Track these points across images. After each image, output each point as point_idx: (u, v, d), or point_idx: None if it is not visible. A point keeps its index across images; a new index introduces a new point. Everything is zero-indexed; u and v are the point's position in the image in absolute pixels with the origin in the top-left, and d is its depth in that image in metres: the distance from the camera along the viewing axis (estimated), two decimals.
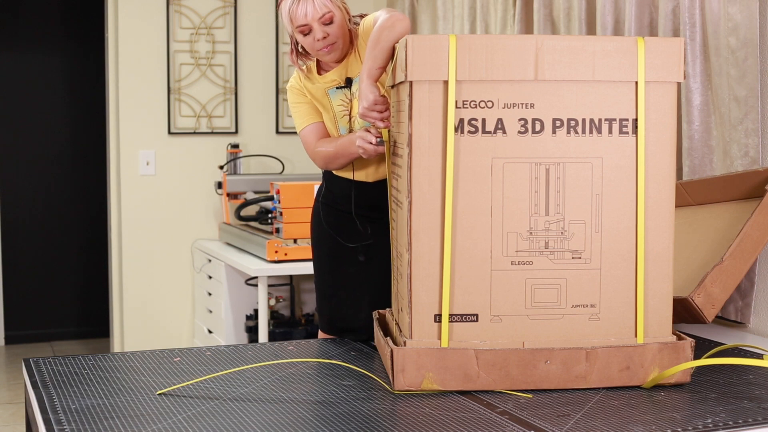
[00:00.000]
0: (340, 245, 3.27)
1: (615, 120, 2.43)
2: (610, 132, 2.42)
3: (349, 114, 3.15)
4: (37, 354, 6.95)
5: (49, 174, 7.42)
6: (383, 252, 3.12)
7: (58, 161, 7.43)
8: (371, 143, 2.91)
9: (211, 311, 5.57)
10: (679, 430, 2.11)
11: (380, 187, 3.16)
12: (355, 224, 3.24)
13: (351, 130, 3.14)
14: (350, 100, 3.15)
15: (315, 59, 3.22)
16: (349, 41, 3.14)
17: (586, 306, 2.44)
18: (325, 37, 3.05)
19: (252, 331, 5.26)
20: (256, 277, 4.97)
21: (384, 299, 3.03)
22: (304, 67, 3.23)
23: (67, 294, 7.52)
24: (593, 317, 2.44)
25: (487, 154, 2.40)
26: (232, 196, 5.67)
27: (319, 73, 3.21)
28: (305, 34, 3.06)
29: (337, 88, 3.16)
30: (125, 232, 5.82)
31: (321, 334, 3.49)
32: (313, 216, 3.41)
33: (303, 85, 3.22)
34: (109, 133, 5.90)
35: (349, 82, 3.14)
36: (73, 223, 7.50)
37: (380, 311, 2.90)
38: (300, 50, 3.19)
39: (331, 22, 3.04)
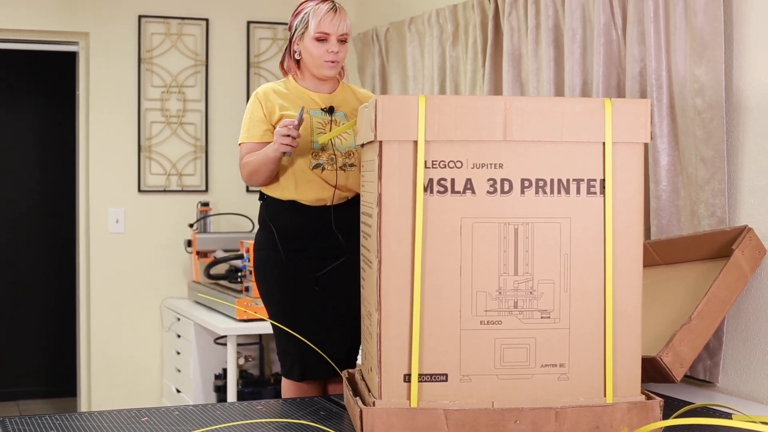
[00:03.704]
0: (303, 282, 3.39)
1: (583, 180, 2.44)
2: (578, 192, 2.44)
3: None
4: (3, 413, 6.86)
5: (18, 230, 7.38)
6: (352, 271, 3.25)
7: (28, 217, 7.39)
8: (289, 125, 3.20)
9: (179, 370, 5.52)
10: None
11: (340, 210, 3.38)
12: (309, 258, 3.40)
13: (324, 148, 3.36)
14: (329, 123, 3.39)
15: (290, 75, 3.47)
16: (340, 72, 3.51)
17: (555, 366, 2.44)
18: (337, 53, 3.36)
19: (221, 391, 5.22)
20: (225, 336, 4.94)
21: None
22: (288, 75, 3.49)
23: (35, 352, 7.44)
24: (562, 377, 2.44)
25: (457, 213, 2.41)
26: (201, 254, 5.65)
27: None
28: (320, 41, 3.33)
29: (321, 110, 3.38)
30: (94, 290, 5.78)
31: (287, 386, 3.47)
32: (264, 263, 3.48)
33: (276, 92, 3.41)
34: (79, 190, 5.88)
35: (331, 110, 3.40)
36: (42, 281, 7.44)
37: (350, 370, 2.89)
38: (295, 58, 3.43)
39: (345, 42, 3.40)
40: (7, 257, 7.36)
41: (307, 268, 3.39)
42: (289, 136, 3.19)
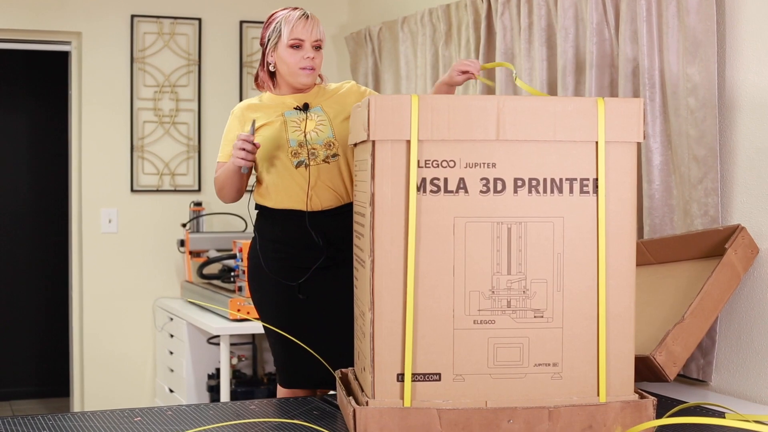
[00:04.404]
0: (288, 291, 3.35)
1: (576, 180, 2.44)
2: (571, 191, 2.44)
3: (304, 131, 3.33)
4: None
5: (10, 231, 7.36)
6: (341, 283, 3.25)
7: (20, 218, 7.38)
8: (244, 139, 3.19)
9: (172, 370, 5.52)
10: None
11: (327, 216, 3.34)
12: (295, 266, 3.36)
13: (301, 144, 3.32)
14: (304, 120, 3.35)
15: (265, 90, 3.47)
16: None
17: (549, 365, 2.44)
18: (312, 58, 3.34)
19: (214, 390, 5.21)
20: (218, 336, 4.94)
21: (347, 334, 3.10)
22: (263, 90, 3.48)
23: (27, 352, 7.43)
24: (555, 376, 2.44)
25: (450, 213, 2.41)
26: (194, 254, 5.64)
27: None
28: (295, 48, 3.32)
29: (294, 108, 3.37)
30: (86, 291, 5.77)
31: (281, 392, 3.46)
32: (253, 273, 3.49)
33: (251, 107, 3.42)
34: (71, 190, 5.87)
35: (306, 107, 3.37)
36: (34, 281, 7.43)
37: (342, 370, 2.88)
38: (269, 70, 3.41)
39: (320, 48, 3.36)
40: None
41: (292, 277, 3.36)
42: (244, 149, 3.19)
